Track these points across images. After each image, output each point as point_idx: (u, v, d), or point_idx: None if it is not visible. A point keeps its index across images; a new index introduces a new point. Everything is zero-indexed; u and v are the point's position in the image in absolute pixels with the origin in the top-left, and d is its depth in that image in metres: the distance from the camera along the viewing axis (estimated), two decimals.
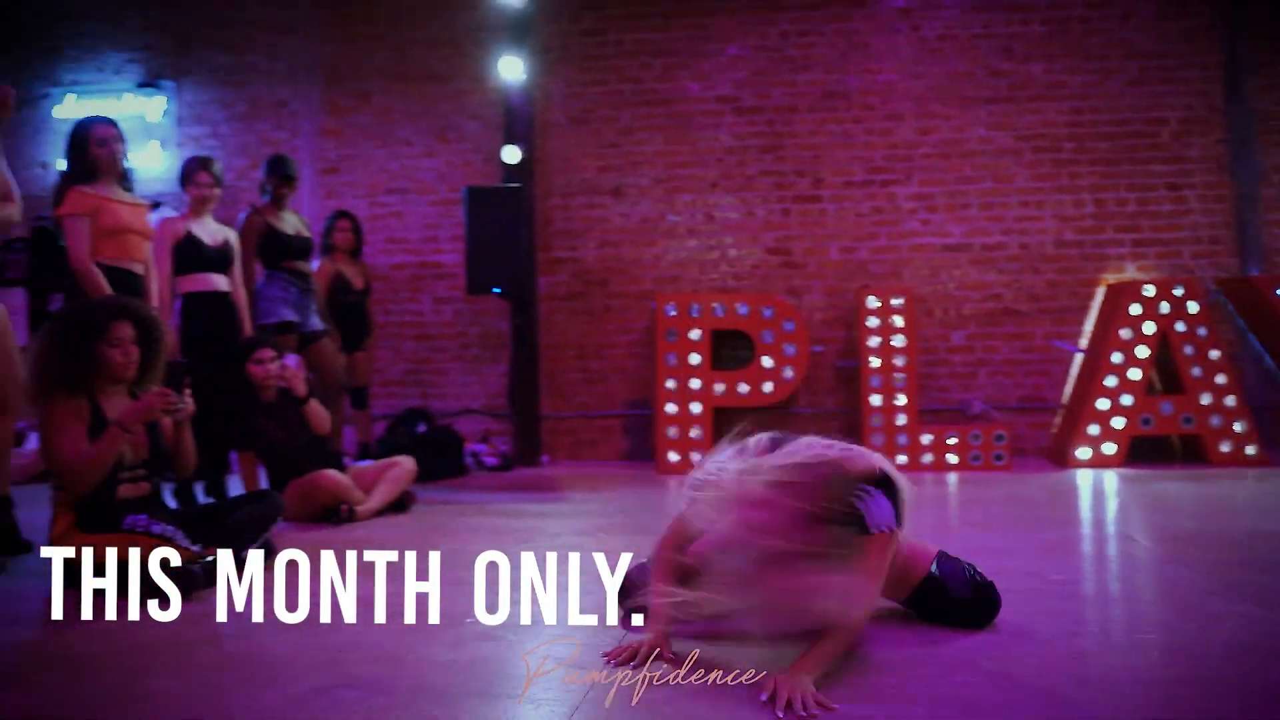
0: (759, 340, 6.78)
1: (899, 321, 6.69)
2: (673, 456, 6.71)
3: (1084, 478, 6.04)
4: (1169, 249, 7.05)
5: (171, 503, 4.29)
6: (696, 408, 6.75)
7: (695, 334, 6.78)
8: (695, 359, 6.77)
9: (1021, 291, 7.14)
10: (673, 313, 6.80)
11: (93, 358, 3.38)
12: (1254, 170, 6.97)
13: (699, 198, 7.44)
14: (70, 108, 7.98)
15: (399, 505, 5.09)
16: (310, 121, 7.83)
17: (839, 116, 7.31)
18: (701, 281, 7.38)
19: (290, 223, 5.85)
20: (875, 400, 6.67)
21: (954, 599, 2.57)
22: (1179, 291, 6.54)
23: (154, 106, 7.91)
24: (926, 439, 6.61)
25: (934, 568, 2.59)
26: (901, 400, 6.66)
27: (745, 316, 6.79)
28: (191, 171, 5.27)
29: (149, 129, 7.91)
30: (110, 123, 4.59)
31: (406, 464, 5.24)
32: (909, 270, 7.22)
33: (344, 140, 7.78)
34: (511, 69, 7.21)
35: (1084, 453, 6.51)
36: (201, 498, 5.10)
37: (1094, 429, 6.52)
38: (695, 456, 6.67)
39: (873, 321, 6.72)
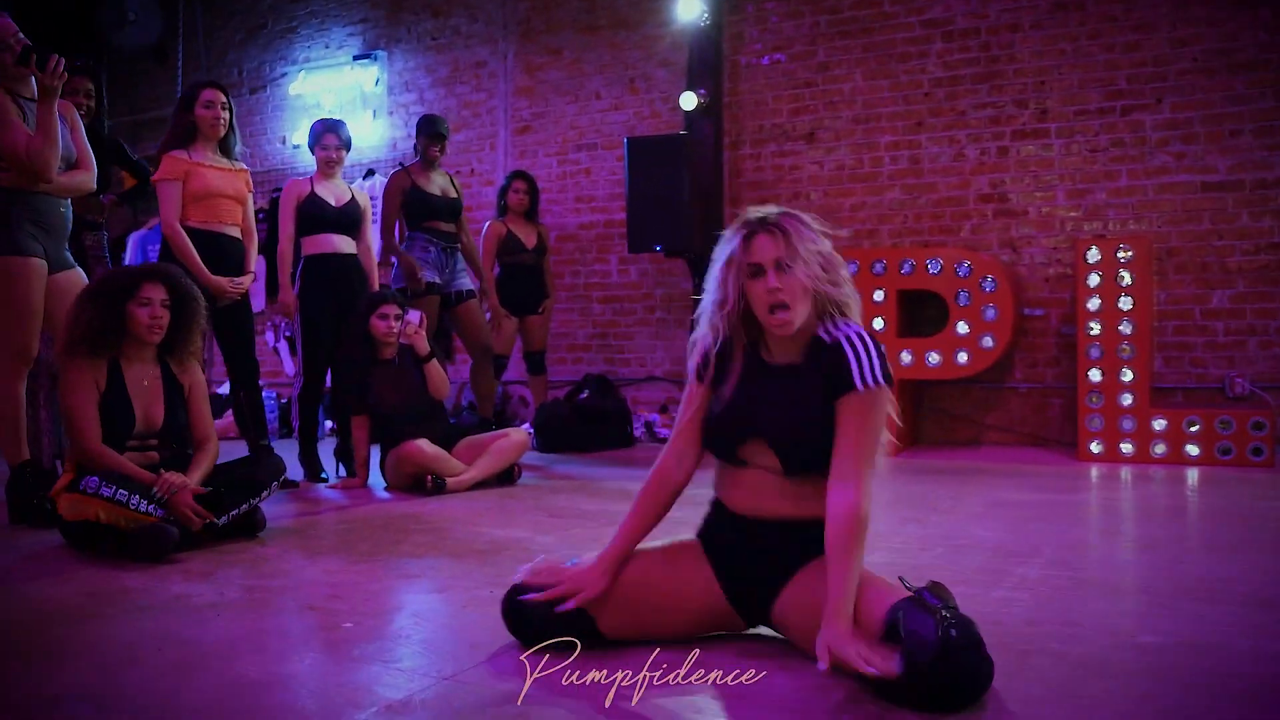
0: (953, 302, 5.81)
1: (1127, 278, 5.45)
2: None
3: None
4: None
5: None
6: None
7: (879, 295, 5.94)
8: (879, 324, 5.94)
9: None
10: (853, 271, 5.97)
11: (121, 315, 3.36)
12: None
13: (902, 139, 6.52)
14: (302, 84, 8.46)
15: (504, 478, 4.83)
16: (506, 81, 7.73)
17: (1071, 32, 6.07)
18: (904, 235, 6.48)
19: (436, 183, 5.73)
20: (1094, 375, 5.50)
21: (909, 662, 1.72)
22: None
23: (369, 77, 8.18)
24: (1159, 425, 5.36)
25: (899, 615, 1.79)
26: (1128, 376, 5.44)
27: (937, 275, 5.84)
28: (318, 134, 5.26)
29: (365, 99, 8.20)
30: (218, 86, 4.62)
31: (516, 435, 4.97)
32: (1157, 215, 5.89)
33: (536, 97, 7.61)
34: (689, 9, 6.67)
35: None
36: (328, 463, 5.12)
37: None
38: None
39: (1093, 279, 5.53)
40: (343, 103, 8.23)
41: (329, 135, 5.22)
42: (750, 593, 2.10)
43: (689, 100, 6.63)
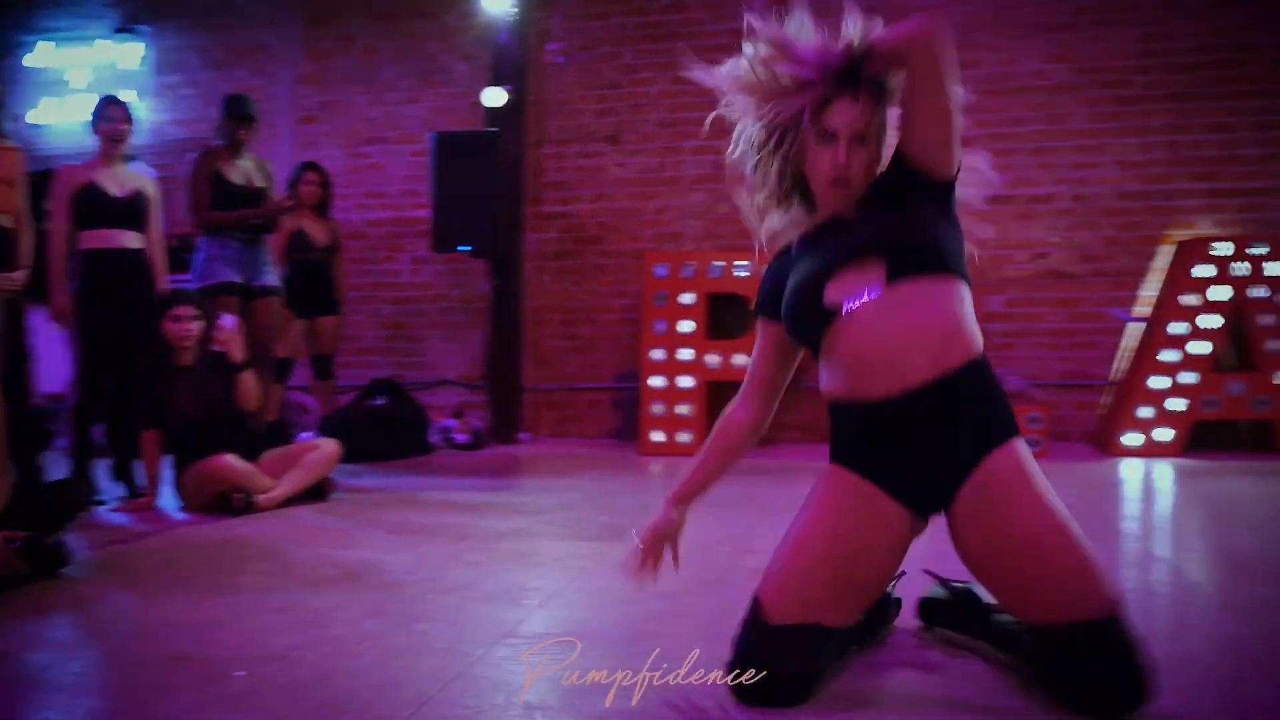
0: None
1: None
2: (657, 436, 5.98)
3: (1130, 469, 5.12)
4: (1253, 201, 5.95)
5: None
6: (686, 381, 5.99)
7: (688, 298, 6.00)
8: (687, 326, 6.00)
9: (1073, 250, 6.15)
10: (662, 273, 6.03)
11: None
12: None
13: (705, 144, 6.61)
14: (45, 55, 7.58)
15: (315, 493, 4.46)
16: (289, 67, 7.24)
17: None
18: (706, 238, 6.58)
19: (241, 169, 5.22)
20: None
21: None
22: (1259, 250, 5.49)
23: (130, 53, 7.44)
24: None
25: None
26: None
27: (745, 279, 5.97)
28: (101, 108, 4.68)
29: (124, 77, 7.44)
30: None
31: (328, 446, 4.60)
32: None
33: (324, 86, 7.18)
34: (496, 2, 6.48)
35: (1133, 439, 5.57)
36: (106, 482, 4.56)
37: (1146, 411, 5.56)
38: (683, 437, 5.94)
39: None
40: (98, 80, 7.42)
41: (114, 107, 4.67)
42: (929, 490, 1.81)
43: (496, 96, 6.45)
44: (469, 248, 6.06)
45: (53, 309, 4.52)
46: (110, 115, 4.62)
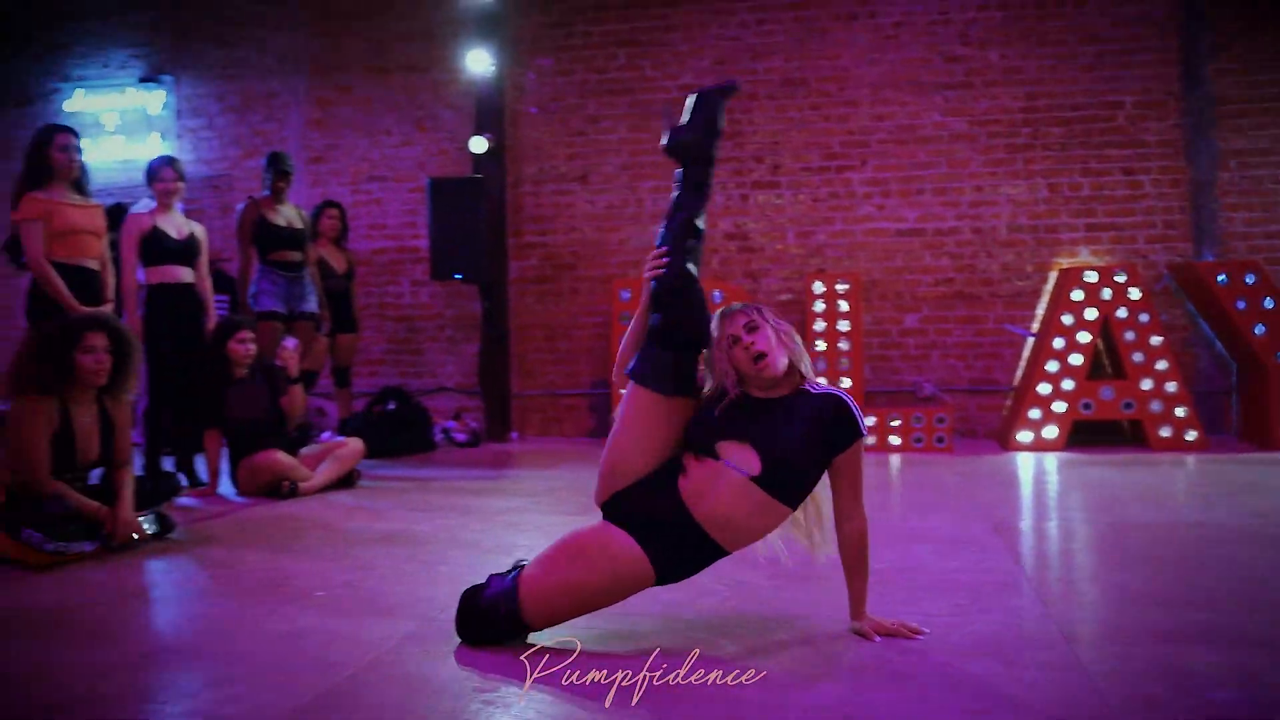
0: None
1: (844, 306, 6.87)
2: None
3: (1022, 461, 6.19)
4: (1123, 234, 7.09)
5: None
6: None
7: None
8: None
9: (975, 276, 7.26)
10: (626, 297, 7.07)
11: (67, 364, 3.74)
12: (1211, 154, 6.97)
13: (661, 184, 7.68)
14: (79, 102, 8.50)
15: (346, 482, 5.49)
16: (297, 112, 8.23)
17: (797, 103, 7.47)
18: None
19: (284, 215, 6.21)
20: (821, 383, 6.86)
21: None
22: (1121, 278, 6.62)
23: (155, 100, 8.38)
24: (870, 421, 6.80)
25: None
26: (847, 383, 6.86)
27: None
28: (157, 169, 5.63)
29: (150, 121, 8.40)
30: (71, 131, 4.96)
31: (354, 444, 5.65)
32: (864, 254, 7.38)
33: (328, 130, 8.17)
34: (479, 62, 7.51)
35: (1025, 436, 6.66)
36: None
37: (1035, 413, 6.66)
38: None
39: (819, 306, 6.91)
40: (127, 123, 8.38)
41: (167, 169, 5.62)
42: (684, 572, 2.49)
43: (479, 144, 7.47)
44: (461, 275, 7.07)
45: None
46: (164, 176, 5.59)
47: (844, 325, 6.87)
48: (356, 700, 2.11)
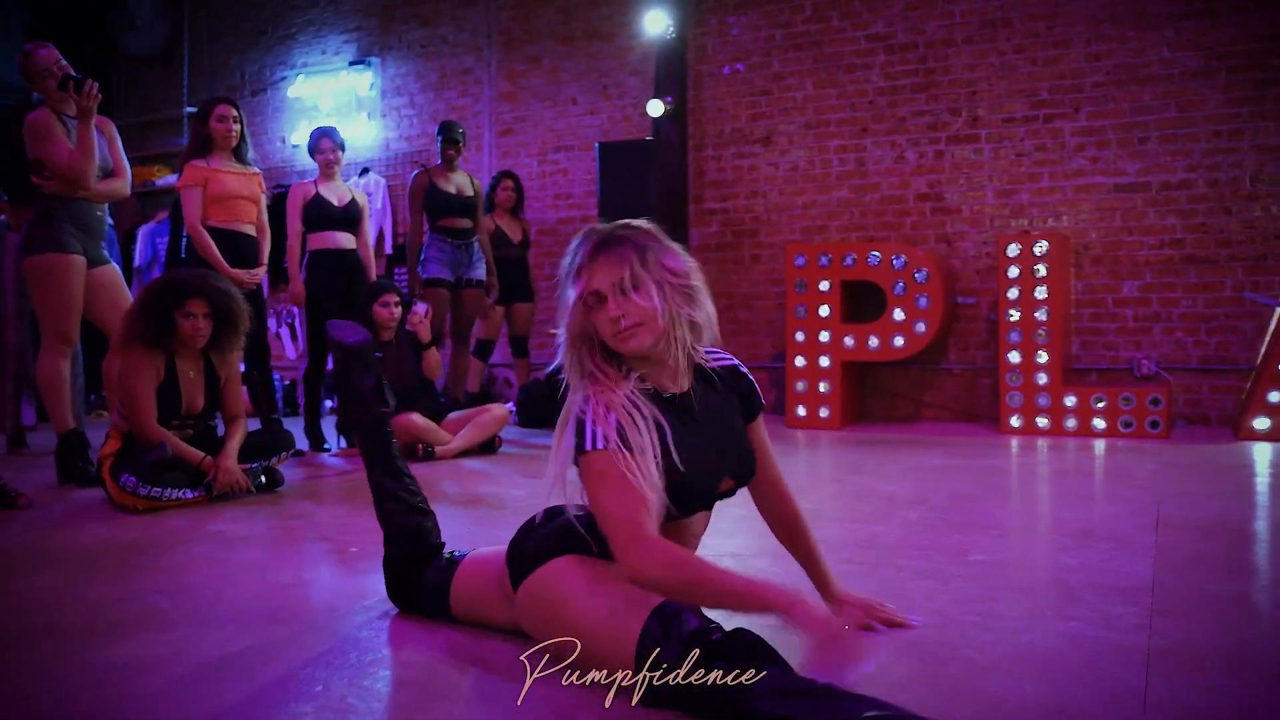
0: (890, 292, 6.45)
1: (1042, 270, 6.10)
2: (800, 411, 6.60)
3: (1254, 452, 5.24)
4: None
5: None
6: (825, 361, 6.58)
7: (824, 285, 6.58)
8: (824, 311, 6.58)
9: (1209, 236, 6.24)
10: (801, 263, 6.64)
11: (169, 323, 3.93)
12: None
13: (849, 143, 7.16)
14: (300, 87, 9.06)
15: (487, 447, 5.49)
16: (490, 87, 8.35)
17: (999, 47, 6.71)
18: (850, 230, 7.13)
19: (455, 182, 6.32)
20: (1013, 357, 6.16)
21: None
22: None
23: (363, 82, 8.78)
24: (1070, 401, 6.02)
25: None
26: (1043, 357, 6.09)
27: (875, 267, 6.48)
28: (316, 141, 5.86)
29: (360, 102, 8.81)
30: (229, 102, 5.22)
31: (497, 410, 5.64)
32: (1074, 213, 6.53)
33: (518, 103, 8.23)
34: (656, 23, 7.29)
35: (1262, 423, 5.66)
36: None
37: (1276, 395, 5.64)
38: (824, 413, 6.54)
39: (1013, 271, 6.18)
40: (339, 105, 8.85)
41: (325, 140, 5.83)
42: None
43: (656, 107, 7.26)
44: None
45: (291, 295, 5.76)
46: (323, 147, 5.78)
47: (1041, 292, 6.10)
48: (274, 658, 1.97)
